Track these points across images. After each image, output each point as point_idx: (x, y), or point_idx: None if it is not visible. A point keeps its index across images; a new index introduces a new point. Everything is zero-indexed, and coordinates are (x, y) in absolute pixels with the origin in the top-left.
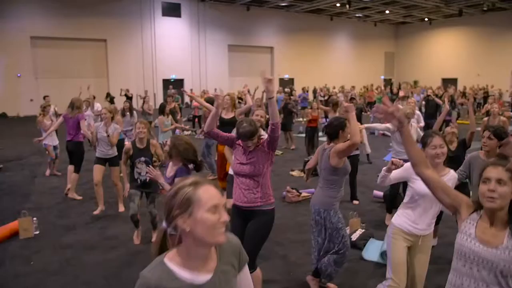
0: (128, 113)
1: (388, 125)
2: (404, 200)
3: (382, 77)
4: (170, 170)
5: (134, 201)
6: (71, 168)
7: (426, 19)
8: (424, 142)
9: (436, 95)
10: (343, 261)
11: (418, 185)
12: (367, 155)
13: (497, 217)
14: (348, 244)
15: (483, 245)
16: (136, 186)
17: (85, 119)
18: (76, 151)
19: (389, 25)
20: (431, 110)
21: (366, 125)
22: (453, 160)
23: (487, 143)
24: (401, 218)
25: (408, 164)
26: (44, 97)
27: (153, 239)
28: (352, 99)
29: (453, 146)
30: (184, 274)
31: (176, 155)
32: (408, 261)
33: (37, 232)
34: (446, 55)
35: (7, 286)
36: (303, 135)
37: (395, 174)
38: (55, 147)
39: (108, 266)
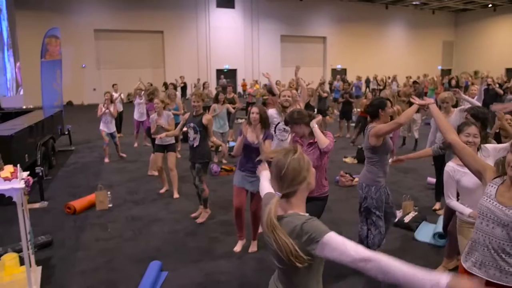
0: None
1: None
2: (460, 196)
3: (440, 67)
4: (256, 134)
5: (192, 173)
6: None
7: (489, 5)
8: (460, 129)
9: (499, 85)
10: (381, 238)
11: (464, 180)
12: (416, 140)
13: None
14: (386, 221)
15: (499, 205)
16: (190, 152)
17: (153, 110)
18: (150, 135)
19: (448, 12)
20: (490, 99)
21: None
22: None
23: None
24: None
25: (448, 172)
26: (113, 85)
27: (200, 217)
28: (415, 82)
29: None
30: None
31: (265, 123)
32: None
33: (111, 205)
34: (511, 43)
35: (90, 248)
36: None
37: (452, 188)
38: (111, 135)
39: (175, 236)
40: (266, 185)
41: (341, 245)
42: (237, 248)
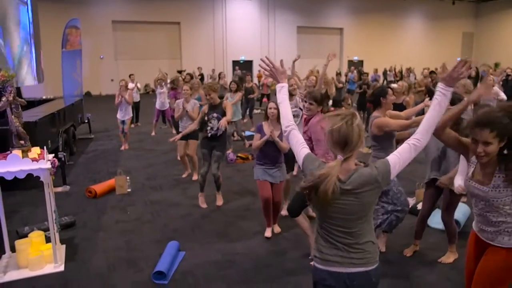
0: None
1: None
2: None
3: (459, 59)
4: (271, 129)
5: (206, 160)
6: None
7: None
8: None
9: None
10: (394, 220)
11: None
12: None
13: (489, 162)
14: (397, 205)
15: (477, 184)
16: (206, 141)
17: (174, 98)
18: (175, 123)
19: (468, 3)
20: (510, 91)
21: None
22: None
23: None
24: None
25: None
26: (130, 76)
27: (217, 200)
28: (432, 72)
29: None
30: None
31: None
32: None
33: (130, 190)
34: None
35: (111, 229)
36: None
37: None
38: (123, 122)
39: (192, 219)
40: (295, 132)
41: (399, 156)
42: (268, 234)
